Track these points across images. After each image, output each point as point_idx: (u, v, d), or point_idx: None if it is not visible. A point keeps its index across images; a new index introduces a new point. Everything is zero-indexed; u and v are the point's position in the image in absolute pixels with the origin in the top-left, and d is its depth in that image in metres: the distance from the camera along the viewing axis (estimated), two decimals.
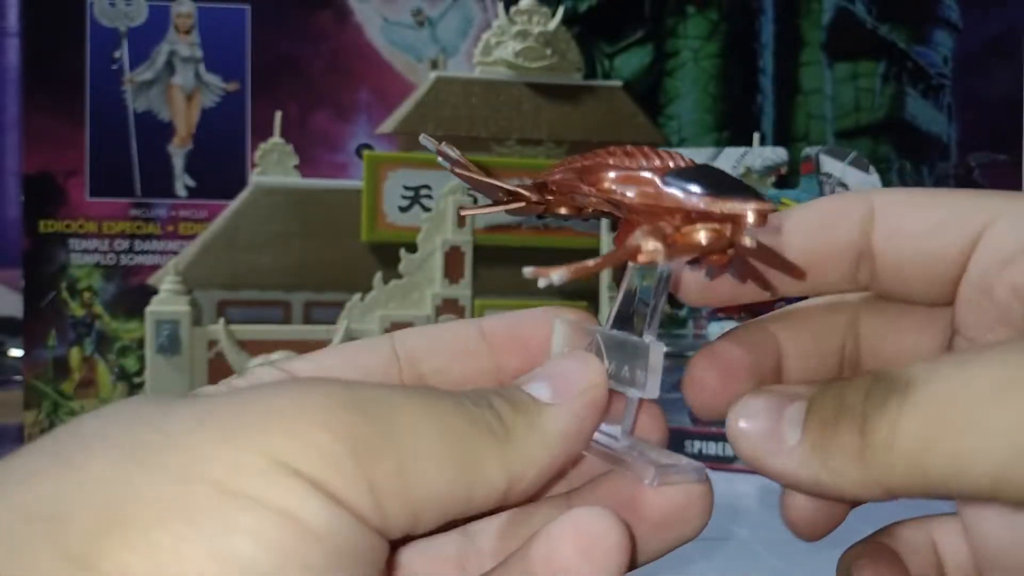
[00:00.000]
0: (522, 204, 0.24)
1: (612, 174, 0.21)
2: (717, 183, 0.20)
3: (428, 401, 0.19)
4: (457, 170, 0.24)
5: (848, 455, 0.18)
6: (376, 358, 0.23)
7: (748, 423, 0.21)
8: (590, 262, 0.20)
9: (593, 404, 0.20)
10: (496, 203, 0.24)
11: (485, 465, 0.18)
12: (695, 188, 0.20)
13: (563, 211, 0.24)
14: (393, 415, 0.18)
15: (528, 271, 0.20)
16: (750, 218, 0.20)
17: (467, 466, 0.18)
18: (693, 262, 0.22)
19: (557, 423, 0.20)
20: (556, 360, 0.22)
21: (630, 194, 0.21)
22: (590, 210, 0.23)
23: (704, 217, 0.20)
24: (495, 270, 0.79)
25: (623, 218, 0.22)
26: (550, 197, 0.23)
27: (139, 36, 0.85)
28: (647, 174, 0.21)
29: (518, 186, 0.23)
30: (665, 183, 0.21)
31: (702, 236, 0.20)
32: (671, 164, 0.21)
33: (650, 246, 0.20)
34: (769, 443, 0.20)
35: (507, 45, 0.82)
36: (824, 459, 0.19)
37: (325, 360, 0.23)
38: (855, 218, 0.23)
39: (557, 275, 0.20)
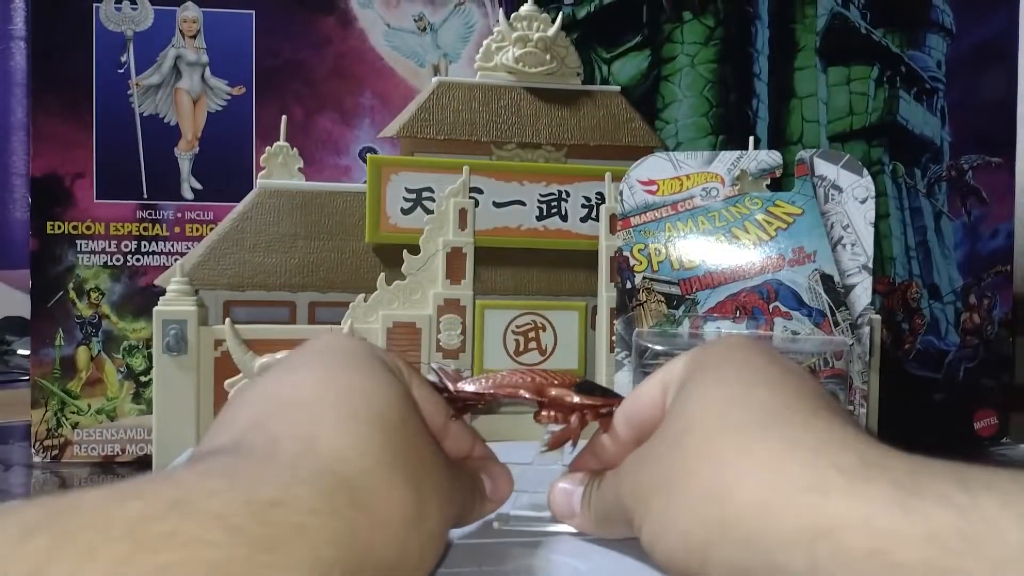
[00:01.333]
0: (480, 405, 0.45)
1: (552, 391, 0.43)
2: (595, 392, 0.44)
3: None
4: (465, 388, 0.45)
5: (605, 527, 0.40)
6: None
7: (556, 498, 0.42)
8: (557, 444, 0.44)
9: (504, 501, 0.43)
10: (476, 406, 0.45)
11: (478, 513, 0.41)
12: (585, 395, 0.43)
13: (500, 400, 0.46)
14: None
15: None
16: (605, 410, 0.43)
17: (468, 513, 0.40)
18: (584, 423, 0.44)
19: (492, 508, 0.42)
20: (498, 472, 0.43)
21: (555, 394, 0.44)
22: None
23: (586, 407, 0.43)
24: (496, 271, 0.80)
25: (544, 406, 0.44)
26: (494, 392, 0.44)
27: (145, 41, 0.86)
28: (563, 389, 0.43)
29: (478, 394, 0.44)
30: (574, 391, 0.43)
31: (589, 416, 0.44)
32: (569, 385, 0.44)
33: (574, 427, 0.44)
34: (566, 511, 0.42)
35: (508, 51, 0.83)
36: (589, 525, 0.41)
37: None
38: None
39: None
